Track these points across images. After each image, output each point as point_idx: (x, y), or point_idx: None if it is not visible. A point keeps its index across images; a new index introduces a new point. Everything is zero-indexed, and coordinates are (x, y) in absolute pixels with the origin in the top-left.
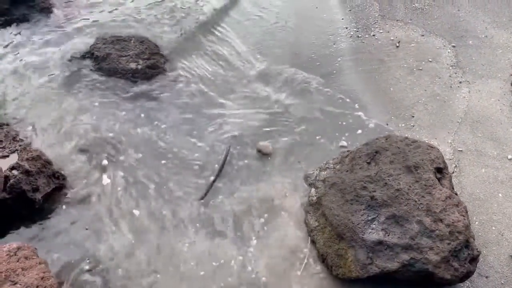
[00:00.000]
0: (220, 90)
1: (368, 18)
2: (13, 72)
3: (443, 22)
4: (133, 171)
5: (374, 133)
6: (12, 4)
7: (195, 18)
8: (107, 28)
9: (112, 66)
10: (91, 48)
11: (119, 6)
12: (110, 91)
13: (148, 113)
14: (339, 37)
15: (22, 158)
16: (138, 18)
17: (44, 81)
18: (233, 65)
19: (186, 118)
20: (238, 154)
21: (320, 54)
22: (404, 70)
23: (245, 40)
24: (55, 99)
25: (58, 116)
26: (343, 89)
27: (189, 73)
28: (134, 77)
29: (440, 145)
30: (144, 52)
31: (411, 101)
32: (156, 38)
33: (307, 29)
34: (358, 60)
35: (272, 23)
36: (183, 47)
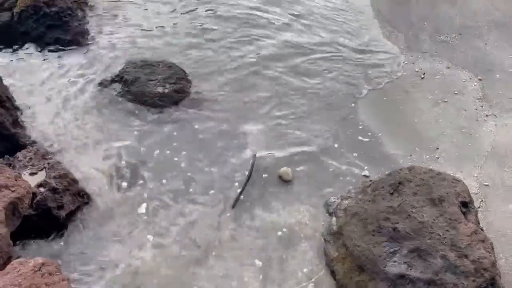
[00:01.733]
0: (245, 115)
1: (394, 51)
2: (44, 93)
3: (469, 55)
4: (156, 194)
5: (397, 164)
6: (48, 28)
7: (224, 46)
8: (138, 53)
9: (140, 90)
10: (120, 72)
11: (151, 33)
12: (137, 114)
13: (172, 137)
14: (364, 67)
15: (49, 176)
16: (170, 44)
17: (74, 102)
18: (259, 93)
19: (209, 143)
20: (257, 179)
21: (343, 83)
22: (429, 102)
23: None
24: (83, 120)
25: (85, 136)
26: (366, 118)
27: (215, 98)
28: (161, 100)
29: (465, 179)
30: (171, 77)
31: (436, 133)
32: (184, 63)
33: (330, 58)
34: (383, 89)
35: (298, 58)
36: (210, 72)
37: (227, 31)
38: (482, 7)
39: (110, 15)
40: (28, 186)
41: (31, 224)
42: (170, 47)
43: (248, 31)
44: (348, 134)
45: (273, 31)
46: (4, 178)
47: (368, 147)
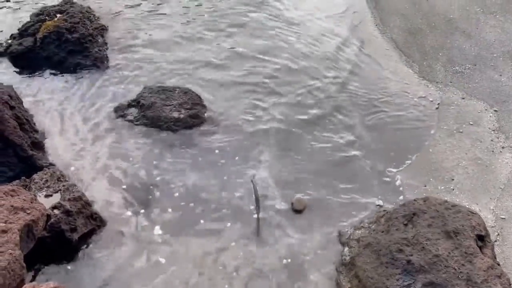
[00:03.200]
0: (258, 141)
1: (408, 80)
2: (62, 117)
3: (484, 86)
4: (169, 219)
5: (412, 194)
6: (69, 53)
7: (241, 76)
8: (155, 78)
9: (156, 114)
10: (137, 97)
11: (168, 59)
12: (152, 138)
13: (186, 161)
14: (380, 95)
15: (64, 198)
16: (187, 69)
17: (91, 126)
18: (274, 116)
19: (222, 167)
20: (271, 207)
21: (359, 112)
22: (444, 132)
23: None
24: (99, 143)
25: (100, 159)
26: (380, 147)
27: (229, 124)
28: (176, 125)
29: (481, 211)
30: (187, 102)
31: (451, 163)
32: (200, 89)
33: (345, 88)
34: (398, 119)
35: (310, 87)
36: (226, 99)
37: (243, 63)
38: (497, 39)
39: (129, 41)
40: (43, 209)
41: (44, 246)
42: (187, 73)
43: (261, 59)
44: (362, 163)
45: (281, 60)
46: (20, 201)
47: (382, 176)
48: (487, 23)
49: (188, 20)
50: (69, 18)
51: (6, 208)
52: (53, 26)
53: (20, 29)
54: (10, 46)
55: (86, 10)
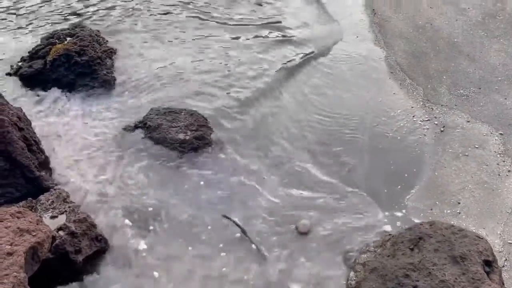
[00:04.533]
0: (265, 165)
1: (413, 103)
2: (70, 138)
3: (489, 109)
4: (173, 242)
5: (417, 217)
6: (78, 75)
7: (248, 98)
8: (162, 100)
9: (162, 136)
10: (144, 118)
11: (175, 81)
12: (158, 160)
13: (191, 184)
14: (383, 118)
15: (69, 220)
16: (194, 92)
17: (97, 147)
18: (281, 144)
19: (227, 190)
20: (275, 231)
21: (363, 135)
22: (449, 155)
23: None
24: (105, 165)
25: (106, 181)
26: (385, 170)
27: (235, 147)
28: (181, 147)
29: (488, 236)
30: (193, 124)
31: (457, 187)
32: (206, 110)
33: (350, 110)
34: (403, 142)
35: (316, 110)
36: (232, 121)
37: (253, 85)
38: (501, 62)
39: (136, 64)
40: (48, 231)
41: (48, 267)
42: (194, 95)
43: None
44: (366, 185)
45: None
46: (27, 222)
47: (387, 199)
48: (491, 47)
49: (196, 44)
50: (79, 41)
51: (12, 230)
52: (63, 49)
53: (31, 52)
54: (20, 68)
55: (95, 33)
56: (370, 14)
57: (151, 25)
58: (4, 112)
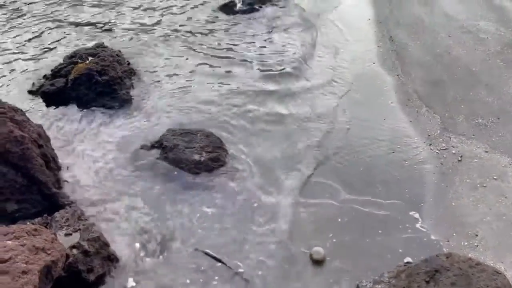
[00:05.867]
0: (279, 189)
1: (430, 131)
2: (87, 156)
3: (508, 140)
4: (185, 264)
5: (434, 249)
6: (98, 94)
7: (263, 122)
8: (179, 121)
9: (178, 157)
10: (160, 138)
11: (193, 102)
12: (172, 181)
13: (206, 205)
14: (399, 146)
15: (83, 238)
16: (211, 113)
17: (113, 166)
18: (295, 168)
19: (240, 213)
20: (288, 257)
21: (379, 162)
22: (466, 186)
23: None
24: (120, 184)
25: (121, 200)
26: (401, 200)
27: (250, 170)
28: (197, 168)
29: (507, 271)
30: (208, 146)
31: (475, 218)
32: (222, 132)
33: (367, 137)
34: (420, 171)
35: (329, 128)
36: (248, 144)
37: (270, 108)
38: None
39: (155, 85)
40: (63, 250)
41: (60, 285)
42: (211, 116)
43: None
44: (382, 215)
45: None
46: (42, 240)
47: (403, 229)
48: (510, 77)
49: (218, 73)
50: (100, 61)
51: (28, 248)
52: (84, 68)
53: (53, 70)
54: (42, 86)
55: (116, 53)
56: (387, 41)
57: (174, 49)
58: (25, 129)
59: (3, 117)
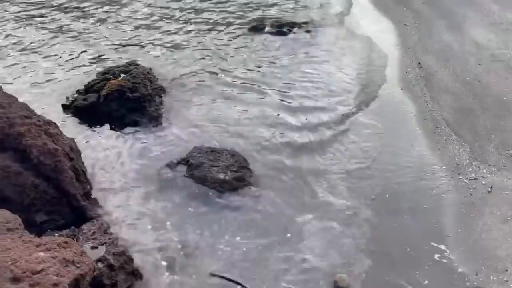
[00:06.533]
0: (303, 212)
1: (459, 160)
2: (115, 170)
3: None
4: (204, 283)
5: (462, 282)
6: (128, 110)
7: (290, 144)
8: (205, 139)
9: (203, 174)
10: (187, 156)
11: (219, 121)
12: (197, 198)
13: (229, 224)
14: (426, 173)
15: (108, 252)
16: (236, 132)
17: (140, 181)
18: (320, 192)
19: (262, 233)
20: (311, 283)
21: (407, 190)
22: (496, 218)
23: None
24: (146, 199)
25: (146, 215)
26: (429, 230)
27: (274, 191)
28: (221, 186)
29: None
30: (233, 165)
31: (505, 252)
32: (247, 152)
33: (396, 164)
34: (448, 200)
35: (355, 153)
36: (272, 166)
37: (298, 136)
38: None
39: (183, 103)
40: (91, 263)
41: None
42: (237, 135)
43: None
44: (408, 244)
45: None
46: (72, 253)
47: (430, 261)
48: None
49: (246, 99)
50: (132, 78)
51: (59, 260)
52: (116, 84)
53: (86, 86)
54: (76, 100)
55: (147, 71)
56: (416, 67)
57: (203, 69)
58: (58, 142)
59: (38, 130)
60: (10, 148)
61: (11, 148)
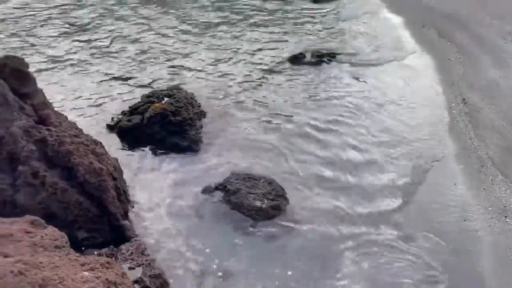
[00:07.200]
0: (340, 246)
1: (506, 202)
2: (153, 191)
3: None
4: None
5: None
6: (169, 133)
7: (328, 176)
8: (243, 166)
9: (240, 201)
10: (224, 181)
11: (257, 149)
12: (233, 224)
13: (263, 253)
14: (471, 214)
15: (145, 274)
16: (274, 161)
17: (179, 203)
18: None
19: (297, 264)
20: None
21: (450, 229)
22: None
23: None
24: (184, 221)
25: (181, 237)
26: (473, 272)
27: (309, 222)
28: (257, 214)
29: None
30: (270, 193)
31: None
32: (284, 181)
33: (438, 202)
34: (493, 244)
35: (397, 190)
36: (309, 196)
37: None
38: None
39: (223, 128)
40: (131, 286)
41: None
42: (274, 165)
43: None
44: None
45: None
46: (114, 275)
47: None
48: None
49: (282, 115)
50: (175, 102)
51: (102, 281)
52: (160, 108)
53: (131, 107)
54: (120, 121)
55: (190, 96)
56: (460, 103)
57: (243, 96)
58: (103, 162)
59: (85, 149)
60: (59, 165)
61: (59, 165)
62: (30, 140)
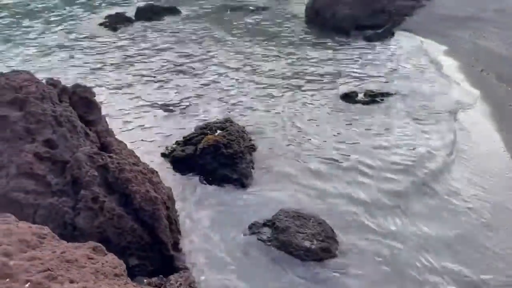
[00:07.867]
0: None
1: None
2: (203, 221)
3: None
4: None
5: None
6: (220, 165)
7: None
8: (292, 203)
9: (288, 240)
10: (273, 218)
11: (307, 188)
12: (281, 263)
13: None
14: None
15: None
16: (326, 202)
17: (226, 237)
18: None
19: None
20: None
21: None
22: None
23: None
24: (231, 256)
25: (229, 272)
26: None
27: (360, 267)
28: (306, 255)
29: None
30: (320, 234)
31: None
32: (334, 223)
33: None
34: None
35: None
36: (360, 239)
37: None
38: None
39: (274, 164)
40: None
41: None
42: (325, 205)
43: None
44: None
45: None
46: None
47: None
48: None
49: (333, 156)
50: (228, 135)
51: None
52: (213, 140)
53: (185, 138)
54: (174, 151)
55: (241, 129)
56: None
57: (293, 134)
58: (158, 191)
59: (143, 178)
60: (117, 191)
61: (118, 192)
62: (93, 166)
